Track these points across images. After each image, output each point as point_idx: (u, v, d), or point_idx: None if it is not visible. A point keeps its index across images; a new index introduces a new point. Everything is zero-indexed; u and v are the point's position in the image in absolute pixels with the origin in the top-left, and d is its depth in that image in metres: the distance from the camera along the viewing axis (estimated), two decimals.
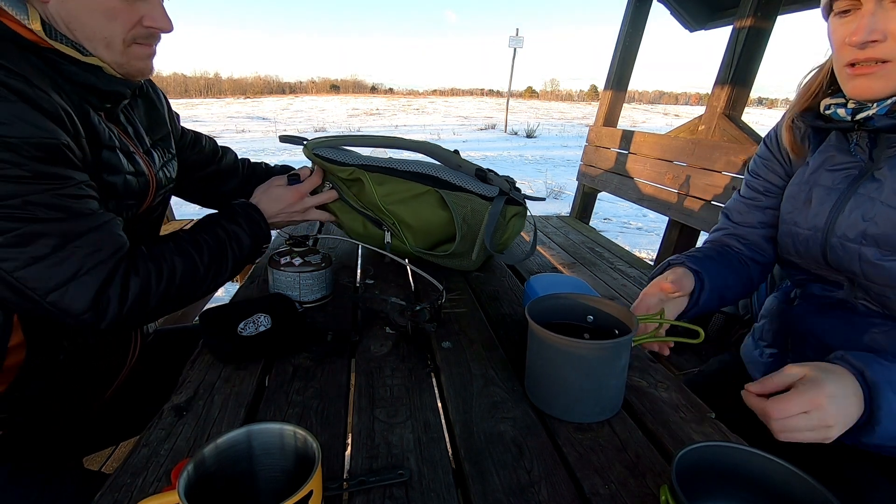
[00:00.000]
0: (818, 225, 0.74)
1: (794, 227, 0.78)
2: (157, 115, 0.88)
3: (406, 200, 0.98)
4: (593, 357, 0.60)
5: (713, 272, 0.81)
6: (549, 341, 0.61)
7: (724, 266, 0.85)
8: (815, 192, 0.75)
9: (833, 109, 0.71)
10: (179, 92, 78.18)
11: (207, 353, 0.73)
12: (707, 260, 0.83)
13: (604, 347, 0.60)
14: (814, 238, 0.75)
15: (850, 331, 0.74)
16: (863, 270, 0.69)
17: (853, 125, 0.69)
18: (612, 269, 2.13)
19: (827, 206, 0.73)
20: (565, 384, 0.62)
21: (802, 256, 0.78)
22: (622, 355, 0.62)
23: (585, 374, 0.60)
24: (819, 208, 0.74)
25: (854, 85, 0.66)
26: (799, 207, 0.78)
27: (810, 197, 0.76)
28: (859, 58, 0.63)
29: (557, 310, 0.71)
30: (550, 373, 0.63)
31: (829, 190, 0.73)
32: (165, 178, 0.85)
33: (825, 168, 0.75)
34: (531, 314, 0.63)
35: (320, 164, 0.97)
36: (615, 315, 0.69)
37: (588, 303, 0.72)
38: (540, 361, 0.64)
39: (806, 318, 0.80)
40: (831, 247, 0.72)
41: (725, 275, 0.83)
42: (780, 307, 0.87)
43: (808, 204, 0.76)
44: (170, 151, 0.88)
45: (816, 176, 0.76)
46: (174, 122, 0.95)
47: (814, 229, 0.74)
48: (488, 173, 1.04)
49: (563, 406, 0.63)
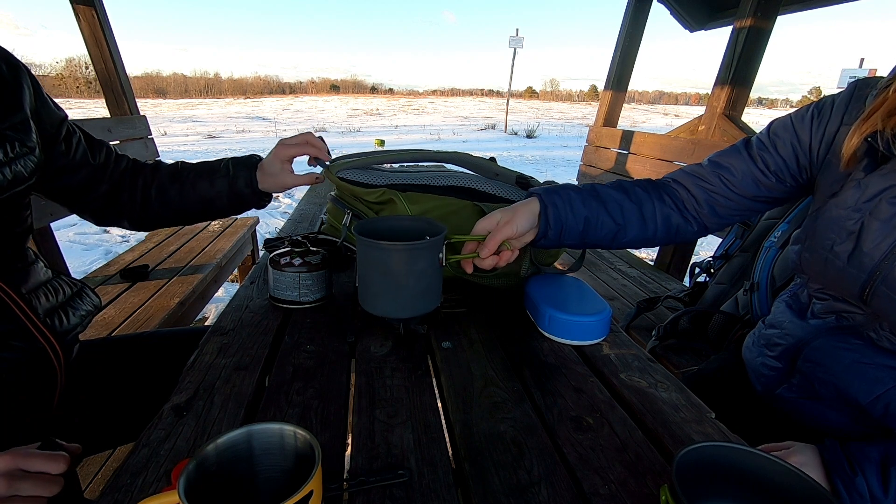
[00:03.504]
0: (865, 263, 0.63)
1: (831, 255, 0.67)
2: (7, 96, 0.71)
3: (444, 218, 0.91)
4: (391, 257, 0.72)
5: (574, 207, 0.76)
6: (363, 245, 0.73)
7: (598, 203, 0.78)
8: (868, 225, 0.63)
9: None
10: (180, 92, 78.18)
11: (207, 354, 0.73)
12: (575, 193, 0.77)
13: (397, 248, 0.70)
14: (855, 276, 0.65)
15: (869, 372, 0.67)
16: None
17: None
18: (612, 269, 2.13)
19: (882, 246, 0.62)
20: (371, 282, 0.74)
21: (830, 283, 0.70)
22: (420, 258, 0.72)
23: (382, 272, 0.72)
24: (871, 246, 0.63)
25: None
26: (842, 237, 0.66)
27: (861, 229, 0.64)
28: None
29: (395, 231, 0.79)
30: (363, 273, 0.76)
31: (890, 226, 0.61)
32: (3, 179, 0.67)
33: (887, 198, 0.62)
34: (358, 230, 0.74)
35: (346, 188, 0.92)
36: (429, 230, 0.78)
37: (420, 224, 0.80)
38: (361, 267, 0.76)
39: (822, 345, 0.73)
40: (876, 294, 0.63)
41: (597, 214, 0.77)
42: (794, 320, 0.79)
43: (855, 236, 0.64)
44: (26, 145, 0.71)
45: (874, 205, 0.63)
46: (46, 108, 0.78)
47: (857, 267, 0.64)
48: (531, 180, 0.96)
49: (371, 302, 0.75)
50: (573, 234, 0.78)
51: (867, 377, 0.67)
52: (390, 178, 0.94)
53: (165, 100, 40.20)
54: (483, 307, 0.94)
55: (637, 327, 1.56)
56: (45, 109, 0.77)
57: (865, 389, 0.67)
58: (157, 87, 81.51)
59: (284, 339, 0.79)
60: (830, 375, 0.71)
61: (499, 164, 1.02)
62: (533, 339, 0.82)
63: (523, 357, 0.77)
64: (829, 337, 0.73)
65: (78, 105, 23.04)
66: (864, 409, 0.68)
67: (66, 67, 58.64)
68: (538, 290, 0.88)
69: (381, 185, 0.92)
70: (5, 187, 0.68)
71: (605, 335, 0.83)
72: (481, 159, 1.02)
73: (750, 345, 0.91)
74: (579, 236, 0.78)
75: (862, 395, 0.67)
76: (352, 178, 0.93)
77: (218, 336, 0.78)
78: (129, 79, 2.89)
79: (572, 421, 0.62)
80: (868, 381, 0.67)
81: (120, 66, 2.76)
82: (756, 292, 1.23)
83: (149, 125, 2.90)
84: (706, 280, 1.61)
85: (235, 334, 0.79)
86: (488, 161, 1.02)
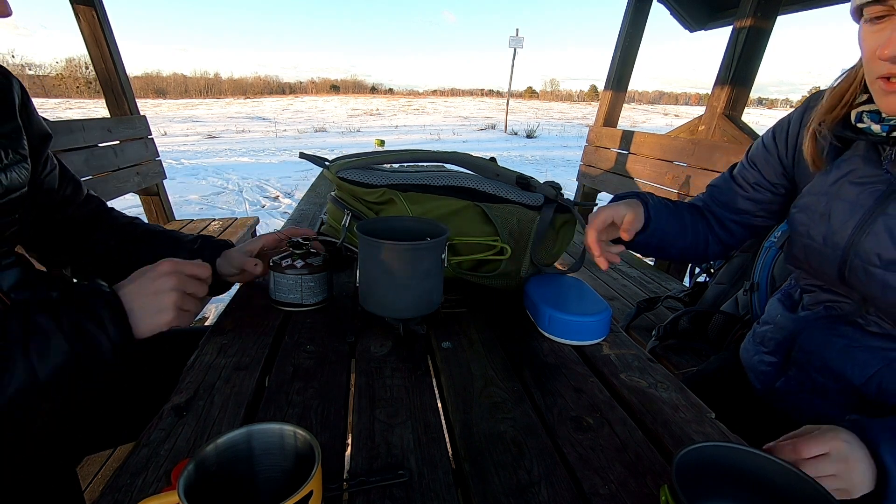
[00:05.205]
0: (837, 242, 0.68)
1: (808, 239, 0.73)
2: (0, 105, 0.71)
3: (444, 218, 0.90)
4: (396, 257, 0.72)
5: (664, 222, 0.86)
6: (366, 245, 0.73)
7: (679, 222, 0.89)
8: (835, 206, 0.69)
9: (868, 124, 0.65)
10: (180, 92, 78.14)
11: (207, 354, 0.73)
12: (665, 210, 0.87)
13: (403, 248, 0.71)
14: (832, 255, 0.69)
15: (859, 355, 0.70)
16: (885, 297, 0.64)
17: (887, 139, 0.63)
18: (613, 269, 2.13)
19: (850, 224, 0.67)
20: (374, 282, 0.74)
21: (814, 269, 0.74)
22: (424, 258, 0.72)
23: (387, 272, 0.73)
24: (840, 225, 0.68)
25: (889, 101, 0.60)
26: (815, 220, 0.72)
27: (829, 210, 0.70)
28: (894, 72, 0.57)
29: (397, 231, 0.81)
30: (366, 273, 0.76)
31: (853, 205, 0.67)
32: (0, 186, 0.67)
33: (849, 180, 0.68)
34: (362, 230, 0.74)
35: (347, 188, 0.92)
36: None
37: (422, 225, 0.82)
38: (364, 267, 0.76)
39: (813, 334, 0.76)
40: (852, 268, 0.67)
41: (675, 231, 0.88)
42: (785, 314, 0.83)
43: (826, 218, 0.70)
44: (18, 152, 0.71)
45: (837, 188, 0.69)
46: (32, 120, 0.77)
47: (832, 247, 0.69)
48: (531, 180, 0.97)
49: (373, 302, 0.76)
50: (662, 230, 0.87)
51: (858, 360, 0.71)
52: (390, 178, 0.94)
53: (165, 100, 40.20)
54: (483, 307, 0.94)
55: (637, 327, 1.56)
56: (32, 121, 0.77)
57: (858, 372, 0.71)
58: (157, 87, 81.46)
59: (284, 339, 0.79)
60: (824, 362, 0.74)
61: (499, 165, 1.01)
62: (533, 339, 0.82)
63: (523, 357, 0.77)
64: (819, 327, 0.76)
65: (78, 105, 23.05)
66: (860, 391, 0.71)
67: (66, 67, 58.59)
68: (538, 290, 0.88)
69: (382, 185, 0.92)
70: (1, 194, 0.68)
71: (605, 335, 0.83)
72: (481, 159, 1.02)
73: (746, 345, 0.92)
74: (662, 234, 0.88)
75: (856, 377, 0.71)
76: (352, 178, 0.93)
77: (218, 336, 0.78)
78: (129, 79, 2.89)
79: (572, 421, 0.62)
80: (859, 363, 0.71)
81: (120, 66, 2.77)
82: (756, 292, 1.23)
83: (149, 125, 2.90)
84: (706, 280, 1.61)
85: (235, 334, 0.79)
86: (488, 161, 1.02)
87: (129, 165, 2.57)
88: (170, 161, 7.86)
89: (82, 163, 2.17)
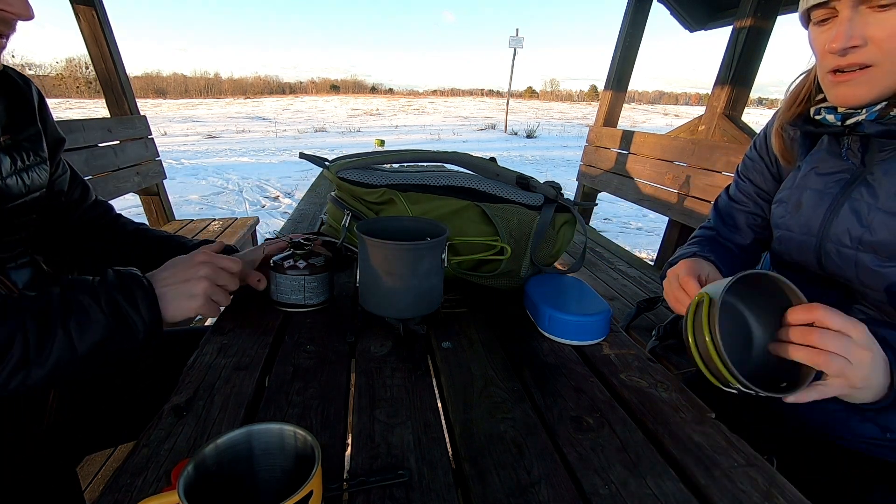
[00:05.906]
0: (812, 230, 0.73)
1: (787, 231, 0.78)
2: (23, 110, 0.75)
3: (444, 218, 0.90)
4: (397, 257, 0.72)
5: (722, 260, 0.86)
6: (367, 245, 0.73)
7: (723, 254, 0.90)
8: (805, 197, 0.75)
9: (823, 115, 0.70)
10: (180, 92, 78.14)
11: (207, 354, 0.73)
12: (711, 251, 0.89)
13: (404, 248, 0.71)
14: (808, 243, 0.74)
15: None
16: (859, 277, 0.68)
17: (844, 129, 0.68)
18: (613, 270, 2.13)
19: (820, 211, 0.72)
20: (375, 282, 0.74)
21: (796, 261, 0.78)
22: (425, 258, 0.73)
23: (387, 272, 0.73)
24: (811, 213, 0.73)
25: (838, 93, 0.66)
26: (791, 212, 0.77)
27: (801, 201, 0.75)
28: (841, 64, 0.63)
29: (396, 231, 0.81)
30: (366, 273, 0.76)
31: (821, 194, 0.73)
32: (23, 185, 0.70)
33: (816, 172, 0.74)
34: (362, 230, 0.75)
35: (347, 188, 0.92)
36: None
37: (421, 225, 0.82)
38: (364, 267, 0.76)
39: None
40: (826, 252, 0.72)
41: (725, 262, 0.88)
42: None
43: (800, 208, 0.75)
44: (39, 154, 0.75)
45: (807, 180, 0.75)
46: (48, 124, 0.80)
47: (807, 234, 0.74)
48: (531, 180, 0.97)
49: (374, 302, 0.76)
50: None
51: None
52: (390, 178, 0.93)
53: (165, 100, 40.21)
54: (483, 307, 0.94)
55: (637, 327, 1.56)
56: (48, 124, 0.80)
57: None
58: (157, 87, 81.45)
59: (284, 339, 0.79)
60: None
61: (499, 165, 1.02)
62: (533, 339, 0.82)
63: (523, 357, 0.77)
64: None
65: (78, 105, 23.06)
66: None
67: (66, 67, 58.55)
68: (538, 290, 0.88)
69: (382, 185, 0.92)
70: (24, 193, 0.71)
71: (605, 335, 0.83)
72: (481, 159, 1.02)
73: None
74: None
75: None
76: (352, 177, 0.93)
77: (218, 336, 0.78)
78: (129, 79, 2.89)
79: (572, 421, 0.62)
80: None
81: (120, 66, 2.77)
82: None
83: (149, 125, 2.90)
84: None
85: (235, 334, 0.79)
86: (488, 161, 1.02)
87: (129, 165, 2.58)
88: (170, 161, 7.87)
89: (82, 163, 2.17)
